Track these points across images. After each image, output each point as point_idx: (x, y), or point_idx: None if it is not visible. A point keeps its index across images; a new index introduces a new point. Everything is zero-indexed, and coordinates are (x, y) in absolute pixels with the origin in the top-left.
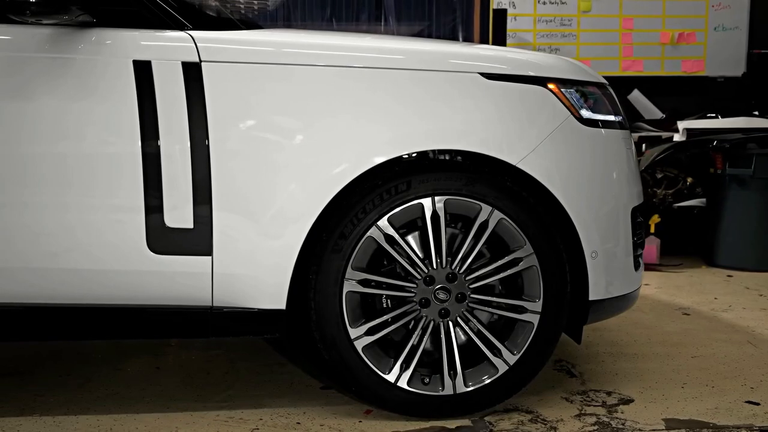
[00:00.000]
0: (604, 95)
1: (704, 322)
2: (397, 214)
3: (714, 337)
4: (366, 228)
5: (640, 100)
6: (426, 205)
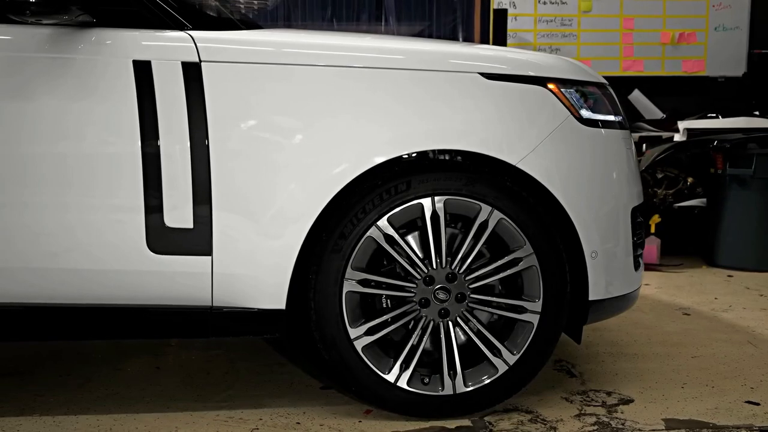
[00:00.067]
0: (604, 95)
1: (704, 322)
2: (396, 214)
3: (714, 337)
4: (366, 228)
5: (640, 100)
6: (426, 205)
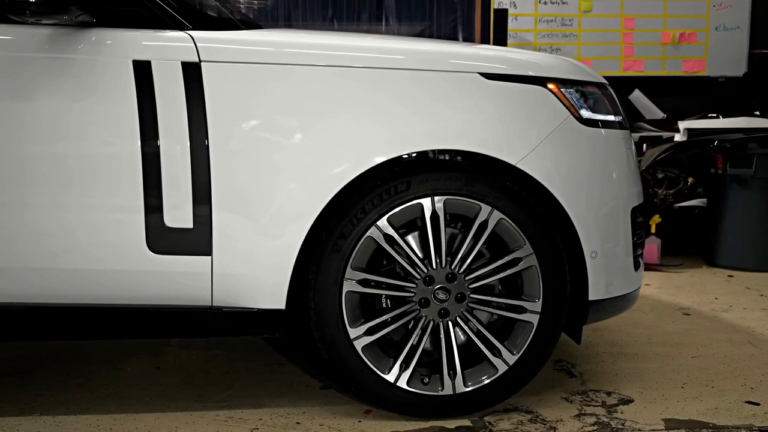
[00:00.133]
0: (604, 95)
1: (705, 323)
2: (396, 214)
3: (714, 338)
4: (365, 228)
5: (641, 100)
6: (425, 205)
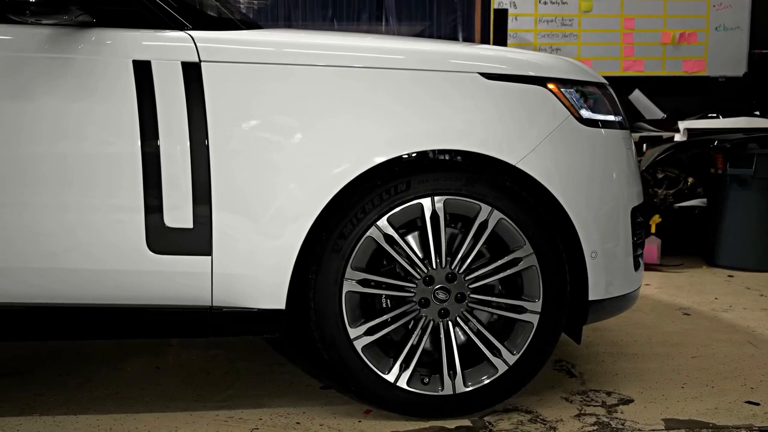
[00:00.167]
0: (604, 95)
1: (705, 323)
2: (396, 214)
3: (714, 338)
4: (365, 228)
5: (641, 100)
6: (425, 205)
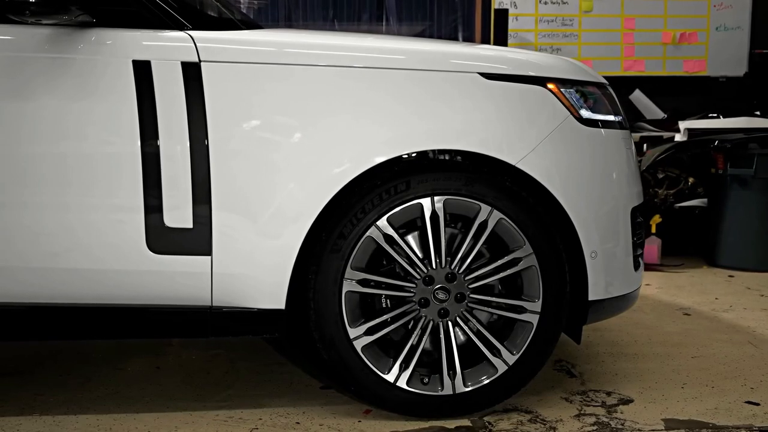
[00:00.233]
0: (604, 95)
1: (705, 323)
2: (396, 214)
3: (714, 338)
4: (365, 228)
5: (641, 100)
6: (425, 205)
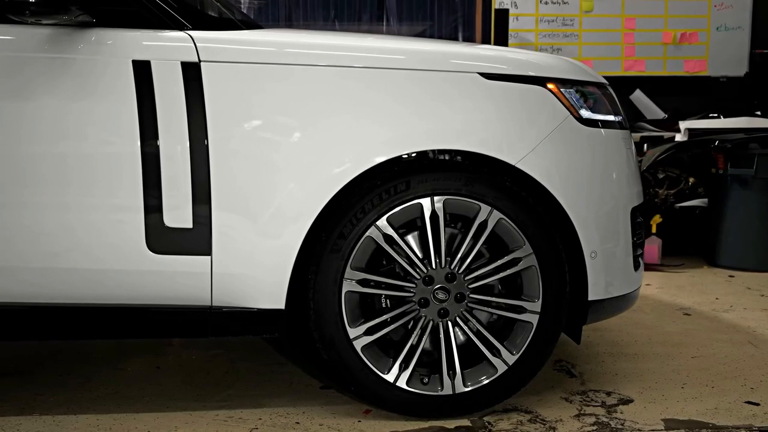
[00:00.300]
0: (604, 95)
1: (705, 323)
2: (396, 214)
3: (715, 338)
4: (365, 228)
5: (642, 100)
6: (425, 205)
